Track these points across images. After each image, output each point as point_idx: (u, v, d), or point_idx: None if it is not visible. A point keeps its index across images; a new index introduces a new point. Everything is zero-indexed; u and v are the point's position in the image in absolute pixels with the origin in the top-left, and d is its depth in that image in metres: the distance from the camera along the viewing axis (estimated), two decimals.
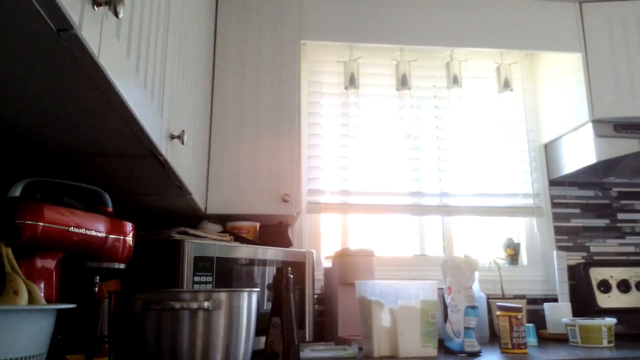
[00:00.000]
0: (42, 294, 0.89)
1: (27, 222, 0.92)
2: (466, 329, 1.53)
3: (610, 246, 2.29)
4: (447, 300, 1.60)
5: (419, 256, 2.24)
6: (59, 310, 0.82)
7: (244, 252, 1.51)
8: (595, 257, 2.26)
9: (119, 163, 1.14)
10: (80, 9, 0.60)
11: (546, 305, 1.97)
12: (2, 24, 0.58)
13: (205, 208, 1.71)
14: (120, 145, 1.01)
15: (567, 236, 2.28)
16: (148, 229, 1.53)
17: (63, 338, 1.03)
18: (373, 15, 2.08)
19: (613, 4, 2.13)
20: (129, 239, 1.16)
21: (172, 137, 1.14)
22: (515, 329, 1.54)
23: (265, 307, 1.53)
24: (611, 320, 1.67)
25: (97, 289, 1.16)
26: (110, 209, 1.15)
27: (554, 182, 2.32)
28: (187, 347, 0.86)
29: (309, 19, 2.04)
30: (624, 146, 1.99)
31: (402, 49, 2.26)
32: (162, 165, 1.14)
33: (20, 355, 0.71)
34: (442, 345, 1.59)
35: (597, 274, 2.14)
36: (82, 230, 1.02)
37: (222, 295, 0.91)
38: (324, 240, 2.19)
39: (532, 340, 1.71)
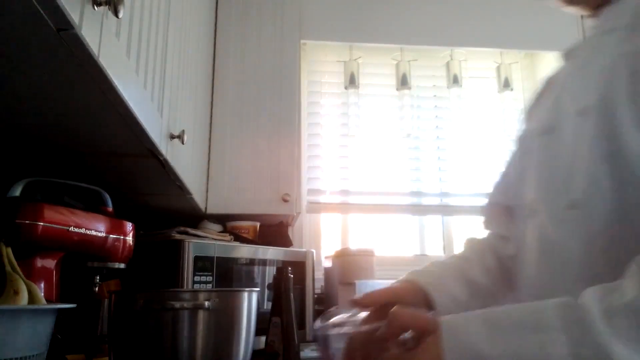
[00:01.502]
0: (42, 294, 0.89)
1: (27, 222, 0.92)
2: None
3: None
4: None
5: (419, 256, 2.24)
6: (59, 309, 0.82)
7: (244, 252, 1.51)
8: None
9: (118, 163, 1.14)
10: (80, 8, 0.60)
11: None
12: (2, 23, 0.58)
13: (205, 208, 1.71)
14: (120, 145, 1.01)
15: None
16: (148, 229, 1.53)
17: (63, 338, 1.03)
18: (373, 15, 2.08)
19: None
20: (129, 238, 1.16)
21: (172, 136, 1.14)
22: None
23: (265, 307, 1.53)
24: None
25: (97, 289, 1.16)
26: (110, 209, 1.15)
27: None
28: (187, 346, 0.85)
29: (309, 19, 2.04)
30: None
31: (402, 49, 2.26)
32: (162, 165, 1.14)
33: (20, 355, 0.71)
34: None
35: None
36: (82, 230, 1.02)
37: (222, 295, 0.90)
38: (324, 240, 2.19)
39: None
